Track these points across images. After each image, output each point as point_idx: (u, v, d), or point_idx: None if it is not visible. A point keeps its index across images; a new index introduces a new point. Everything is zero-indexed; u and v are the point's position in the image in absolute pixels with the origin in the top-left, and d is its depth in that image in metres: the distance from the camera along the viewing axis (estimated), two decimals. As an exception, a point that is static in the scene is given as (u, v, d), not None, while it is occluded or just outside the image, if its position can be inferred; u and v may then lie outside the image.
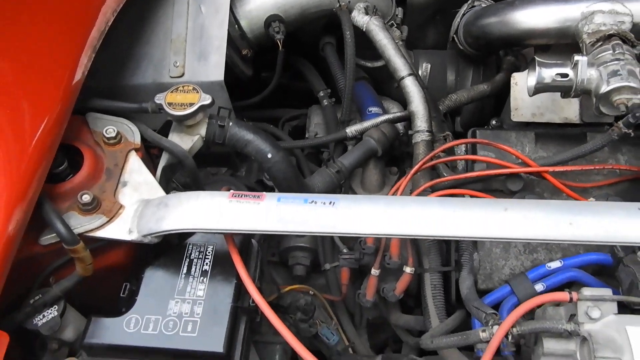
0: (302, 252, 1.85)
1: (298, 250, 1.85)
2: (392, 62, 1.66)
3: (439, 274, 1.52)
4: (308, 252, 1.84)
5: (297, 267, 1.85)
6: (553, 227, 1.10)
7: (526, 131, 1.64)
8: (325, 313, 1.66)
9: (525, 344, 1.39)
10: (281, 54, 1.76)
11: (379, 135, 1.69)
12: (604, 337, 1.12)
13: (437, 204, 1.15)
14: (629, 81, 1.30)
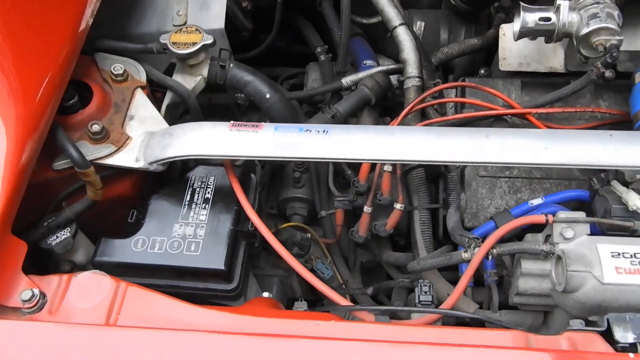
0: (300, 202, 1.94)
1: (295, 201, 1.94)
2: (385, 12, 1.74)
3: (427, 211, 1.61)
4: (305, 202, 1.92)
5: (295, 217, 1.93)
6: (530, 152, 1.19)
7: (513, 79, 1.72)
8: (320, 251, 1.76)
9: (508, 275, 1.48)
10: (279, 5, 1.83)
11: (373, 83, 1.77)
12: (576, 254, 1.21)
13: (423, 132, 1.24)
14: (607, 22, 1.37)
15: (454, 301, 1.18)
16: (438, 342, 0.95)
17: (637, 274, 1.16)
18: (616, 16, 1.40)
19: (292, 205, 1.95)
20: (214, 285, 1.28)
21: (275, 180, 2.00)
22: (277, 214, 2.02)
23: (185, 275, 1.27)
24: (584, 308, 1.20)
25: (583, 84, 1.48)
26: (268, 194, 2.02)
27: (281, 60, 2.36)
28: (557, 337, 0.98)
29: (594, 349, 0.97)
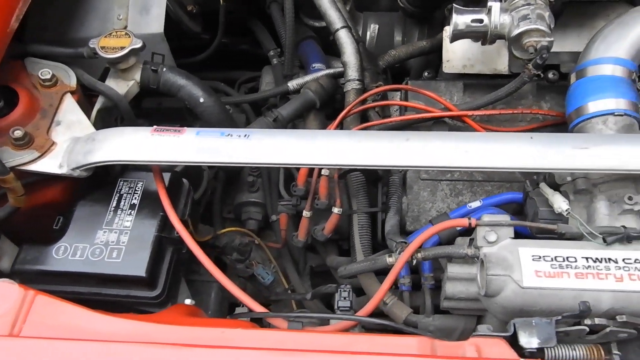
0: (255, 207, 1.93)
1: (250, 205, 1.93)
2: (327, 15, 1.73)
3: (366, 215, 1.59)
4: (260, 207, 1.91)
5: (250, 222, 1.92)
6: (450, 155, 1.18)
7: (455, 81, 1.71)
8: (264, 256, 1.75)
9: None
10: (222, 8, 1.82)
11: (317, 87, 1.76)
12: (497, 257, 1.20)
13: (345, 135, 1.23)
14: (537, 24, 1.36)
15: (373, 307, 1.16)
16: (341, 349, 0.94)
17: (557, 278, 1.15)
18: (547, 17, 1.39)
19: (247, 210, 1.94)
20: (136, 293, 1.26)
21: (232, 184, 1.99)
22: (234, 219, 2.02)
23: (107, 282, 1.26)
24: (507, 312, 1.19)
25: (517, 85, 1.47)
26: (225, 199, 2.01)
27: (245, 64, 2.35)
28: (463, 344, 0.97)
29: (499, 355, 0.95)
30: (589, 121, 1.37)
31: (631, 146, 1.16)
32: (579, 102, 1.40)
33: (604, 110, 1.35)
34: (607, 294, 1.14)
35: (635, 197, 1.23)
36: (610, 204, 1.26)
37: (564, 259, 1.17)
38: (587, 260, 1.17)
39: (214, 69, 2.31)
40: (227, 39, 2.36)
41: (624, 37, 1.44)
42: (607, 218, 1.24)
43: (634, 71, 1.42)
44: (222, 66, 2.33)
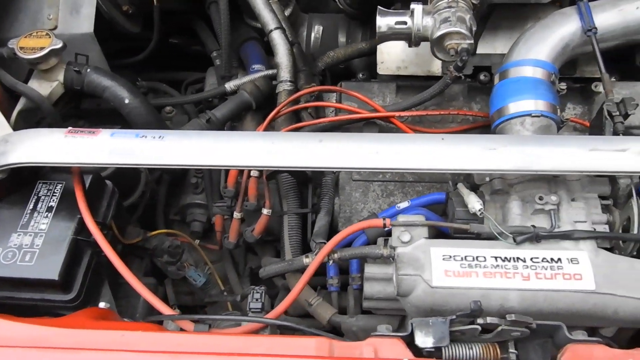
0: (199, 208, 1.92)
1: (195, 207, 1.92)
2: (261, 16, 1.73)
3: (296, 216, 1.59)
4: (204, 208, 1.90)
5: (194, 224, 1.91)
6: (361, 156, 1.18)
7: (388, 83, 1.72)
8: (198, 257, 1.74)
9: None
10: (156, 9, 1.81)
11: (252, 88, 1.75)
12: (409, 257, 1.21)
13: (259, 137, 1.23)
14: (457, 27, 1.38)
15: (284, 308, 1.16)
16: (238, 352, 0.94)
17: (466, 277, 1.16)
18: (468, 20, 1.41)
19: (191, 212, 1.93)
20: (50, 296, 1.24)
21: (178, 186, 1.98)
22: (181, 220, 2.01)
23: (20, 286, 1.24)
24: (419, 312, 1.20)
25: (440, 87, 1.49)
26: (172, 201, 2.00)
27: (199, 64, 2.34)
28: (361, 344, 0.98)
29: (396, 355, 0.96)
30: (509, 122, 1.39)
31: (538, 147, 1.18)
32: (501, 102, 1.42)
33: (522, 112, 1.37)
34: (514, 293, 1.16)
35: (546, 197, 1.24)
36: (524, 204, 1.28)
37: (474, 259, 1.18)
38: (496, 259, 1.18)
39: (164, 69, 2.30)
40: (179, 39, 2.35)
41: (545, 40, 1.47)
42: (519, 218, 1.26)
43: (553, 73, 1.44)
44: (174, 67, 2.32)
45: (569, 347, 0.98)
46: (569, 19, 1.48)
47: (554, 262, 1.17)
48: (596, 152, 1.16)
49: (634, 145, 1.16)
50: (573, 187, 1.31)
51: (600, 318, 1.18)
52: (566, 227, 1.23)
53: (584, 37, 1.46)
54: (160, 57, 2.29)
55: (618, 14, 1.49)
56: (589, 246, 1.20)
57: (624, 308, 1.16)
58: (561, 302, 1.16)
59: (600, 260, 1.19)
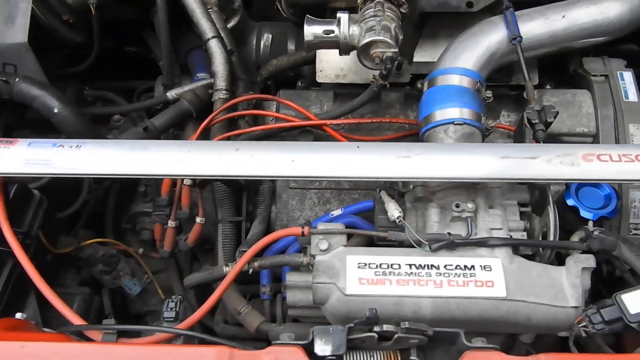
0: (148, 217, 1.91)
1: (144, 215, 1.91)
2: (199, 25, 1.73)
3: (231, 224, 1.59)
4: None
5: (144, 232, 1.90)
6: (277, 165, 1.19)
7: (326, 91, 1.73)
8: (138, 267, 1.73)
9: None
10: (95, 18, 1.81)
11: (192, 96, 1.76)
12: (325, 265, 1.21)
13: (176, 146, 1.23)
14: (381, 35, 1.39)
15: (198, 318, 1.16)
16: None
17: (380, 285, 1.17)
18: (393, 29, 1.42)
19: (141, 220, 1.92)
20: (-33, 307, 1.24)
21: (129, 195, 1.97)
22: (132, 229, 2.00)
23: None
24: (336, 320, 1.20)
25: (368, 96, 1.50)
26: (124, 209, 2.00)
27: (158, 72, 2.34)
28: (260, 353, 0.98)
29: (295, 363, 0.96)
30: (434, 130, 1.40)
31: (450, 155, 1.19)
32: (428, 110, 1.43)
33: (446, 120, 1.38)
34: (427, 300, 1.17)
35: (463, 204, 1.25)
36: (442, 212, 1.28)
37: (389, 266, 1.19)
38: (410, 267, 1.19)
39: (121, 77, 2.30)
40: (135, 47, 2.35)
41: (472, 48, 1.49)
42: (437, 225, 1.27)
43: (478, 81, 1.45)
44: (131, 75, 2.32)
45: (467, 354, 0.98)
46: (496, 27, 1.50)
47: (468, 269, 1.18)
48: (507, 159, 1.17)
49: (545, 153, 1.17)
50: (493, 194, 1.32)
51: (514, 324, 1.19)
52: (482, 235, 1.24)
53: (510, 45, 1.48)
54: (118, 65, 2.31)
55: (544, 22, 1.51)
56: (504, 253, 1.21)
57: (536, 314, 1.17)
58: (473, 309, 1.16)
59: (514, 267, 1.20)
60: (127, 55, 2.33)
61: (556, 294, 1.18)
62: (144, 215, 1.92)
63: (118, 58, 2.31)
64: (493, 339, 1.29)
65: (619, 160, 1.16)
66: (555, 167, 1.16)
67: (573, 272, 1.19)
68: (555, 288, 1.19)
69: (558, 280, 1.20)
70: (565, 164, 1.16)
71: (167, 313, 1.15)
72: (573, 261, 1.20)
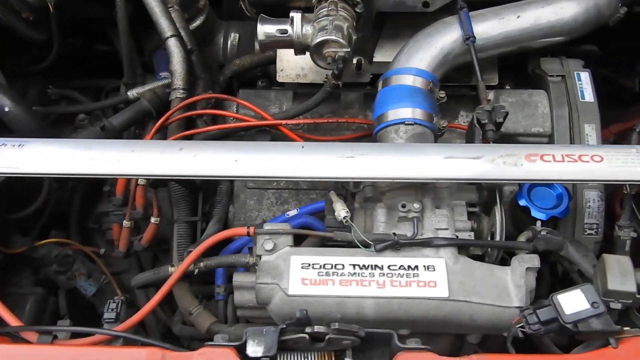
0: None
1: (109, 215, 1.90)
2: (158, 23, 1.71)
3: (186, 224, 1.58)
4: (117, 216, 1.88)
5: (109, 232, 1.89)
6: (220, 164, 1.18)
7: (286, 90, 1.72)
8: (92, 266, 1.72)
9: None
10: (53, 16, 1.79)
11: (151, 96, 1.74)
12: (269, 266, 1.20)
13: (120, 145, 1.22)
14: (333, 35, 1.38)
15: (138, 319, 1.15)
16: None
17: (322, 285, 1.16)
18: (345, 29, 1.41)
19: (106, 220, 1.91)
20: None
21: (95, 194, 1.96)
22: (98, 229, 1.99)
23: None
24: (280, 320, 1.19)
25: (322, 96, 1.50)
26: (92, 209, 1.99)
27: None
28: (193, 354, 0.97)
29: (226, 364, 0.95)
30: (386, 129, 1.39)
31: (394, 155, 1.19)
32: (381, 109, 1.43)
33: (397, 120, 1.38)
34: (370, 301, 1.16)
35: (409, 205, 1.25)
36: (390, 212, 1.28)
37: (332, 267, 1.18)
38: (354, 267, 1.18)
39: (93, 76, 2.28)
40: (106, 46, 2.34)
41: (425, 48, 1.48)
42: (383, 225, 1.26)
43: (431, 81, 1.45)
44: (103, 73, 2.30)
45: (400, 355, 0.98)
46: (450, 28, 1.50)
47: (411, 269, 1.18)
48: (451, 159, 1.17)
49: (488, 153, 1.17)
50: (441, 194, 1.32)
51: (457, 325, 1.18)
52: (428, 235, 1.24)
53: (464, 45, 1.47)
54: (91, 64, 2.29)
55: (499, 23, 1.50)
56: (449, 254, 1.21)
57: (479, 314, 1.17)
58: (416, 309, 1.16)
59: (458, 267, 1.20)
60: (100, 54, 2.32)
61: (500, 294, 1.18)
62: (108, 215, 1.91)
63: (91, 57, 2.30)
64: (441, 340, 1.30)
65: (562, 161, 1.16)
66: (498, 167, 1.15)
67: (517, 272, 1.19)
68: (499, 288, 1.19)
69: (503, 280, 1.19)
70: (508, 164, 1.16)
71: (108, 314, 1.14)
72: (517, 261, 1.20)
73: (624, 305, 1.05)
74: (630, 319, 1.10)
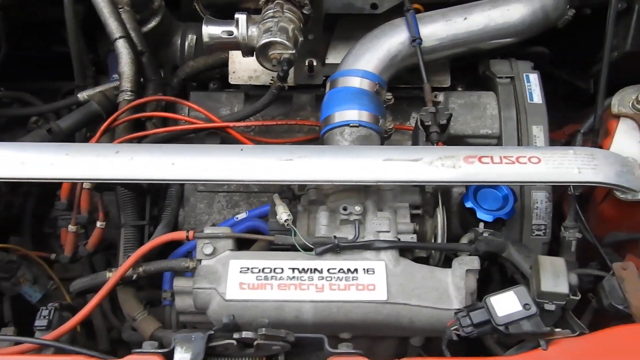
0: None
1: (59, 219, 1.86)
2: (106, 24, 1.68)
3: (133, 228, 1.55)
4: (72, 220, 1.85)
5: None
6: (157, 168, 1.16)
7: (237, 92, 1.71)
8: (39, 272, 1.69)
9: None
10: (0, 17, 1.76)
11: (100, 98, 1.71)
12: (207, 270, 1.19)
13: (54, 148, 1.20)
14: (277, 37, 1.37)
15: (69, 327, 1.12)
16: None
17: (260, 289, 1.15)
18: (290, 30, 1.40)
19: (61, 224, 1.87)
20: None
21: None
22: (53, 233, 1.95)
23: None
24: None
25: (269, 98, 1.48)
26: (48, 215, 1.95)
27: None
28: (119, 362, 0.95)
29: (154, 372, 0.94)
30: (331, 132, 1.39)
31: (333, 158, 1.18)
32: (327, 111, 1.42)
33: (342, 122, 1.37)
34: (308, 305, 1.15)
35: (350, 207, 1.24)
36: (332, 215, 1.27)
37: (271, 270, 1.17)
38: (293, 271, 1.17)
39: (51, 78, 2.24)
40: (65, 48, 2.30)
41: (372, 51, 1.48)
42: (325, 228, 1.25)
43: (378, 83, 1.45)
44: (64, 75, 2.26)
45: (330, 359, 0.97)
46: (398, 29, 1.50)
47: (351, 272, 1.17)
48: (390, 162, 1.16)
49: (427, 155, 1.17)
50: (385, 197, 1.31)
51: (397, 328, 1.18)
52: (369, 237, 1.23)
53: (412, 47, 1.47)
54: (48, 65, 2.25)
55: (446, 24, 1.51)
56: (390, 256, 1.20)
57: (419, 317, 1.17)
58: (354, 312, 1.15)
59: (399, 270, 1.19)
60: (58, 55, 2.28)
61: (440, 296, 1.18)
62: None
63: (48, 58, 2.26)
64: (384, 343, 1.29)
65: (500, 162, 1.16)
66: (436, 169, 1.15)
67: (458, 274, 1.19)
68: (439, 290, 1.18)
69: (443, 283, 1.19)
70: (446, 166, 1.15)
71: (39, 321, 1.12)
72: (458, 263, 1.20)
73: (557, 306, 1.06)
74: (566, 320, 1.10)
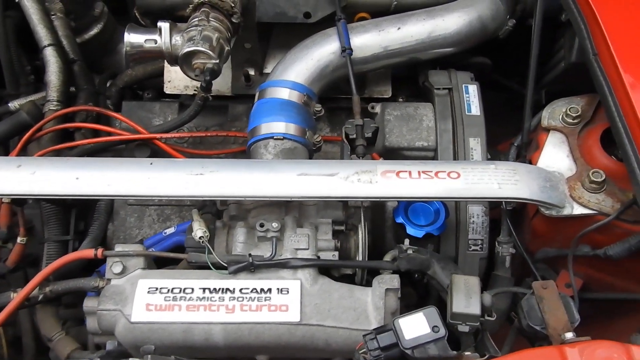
0: None
1: None
2: (35, 32, 1.63)
3: (57, 244, 1.49)
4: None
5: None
6: (59, 182, 1.11)
7: (171, 102, 1.66)
8: None
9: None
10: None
11: (30, 107, 1.64)
12: (113, 291, 1.13)
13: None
14: (199, 46, 1.32)
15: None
16: None
17: (168, 311, 1.10)
18: (214, 40, 1.35)
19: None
20: None
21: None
22: None
23: None
24: (129, 349, 1.12)
25: (195, 109, 1.44)
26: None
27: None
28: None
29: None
30: (256, 144, 1.34)
31: (247, 173, 1.13)
32: (254, 122, 1.38)
33: (268, 134, 1.33)
34: (218, 327, 1.10)
35: (267, 224, 1.19)
36: (249, 231, 1.22)
37: (181, 290, 1.12)
38: (204, 291, 1.12)
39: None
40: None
41: (302, 61, 1.44)
42: (241, 246, 1.20)
43: (305, 94, 1.41)
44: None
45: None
46: (329, 39, 1.46)
47: (264, 292, 1.12)
48: (304, 177, 1.12)
49: (344, 170, 1.13)
50: (307, 212, 1.27)
51: (313, 350, 1.13)
52: (287, 255, 1.18)
53: (343, 58, 1.43)
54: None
55: (378, 35, 1.47)
56: (307, 275, 1.16)
57: (335, 339, 1.12)
58: (267, 334, 1.10)
59: (315, 289, 1.15)
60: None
61: (358, 317, 1.13)
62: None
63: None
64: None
65: (418, 177, 1.12)
66: (352, 184, 1.11)
67: (377, 293, 1.15)
68: (357, 310, 1.14)
69: (362, 302, 1.15)
70: (363, 181, 1.11)
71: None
72: (377, 282, 1.16)
73: (472, 328, 1.02)
74: (483, 342, 1.07)
